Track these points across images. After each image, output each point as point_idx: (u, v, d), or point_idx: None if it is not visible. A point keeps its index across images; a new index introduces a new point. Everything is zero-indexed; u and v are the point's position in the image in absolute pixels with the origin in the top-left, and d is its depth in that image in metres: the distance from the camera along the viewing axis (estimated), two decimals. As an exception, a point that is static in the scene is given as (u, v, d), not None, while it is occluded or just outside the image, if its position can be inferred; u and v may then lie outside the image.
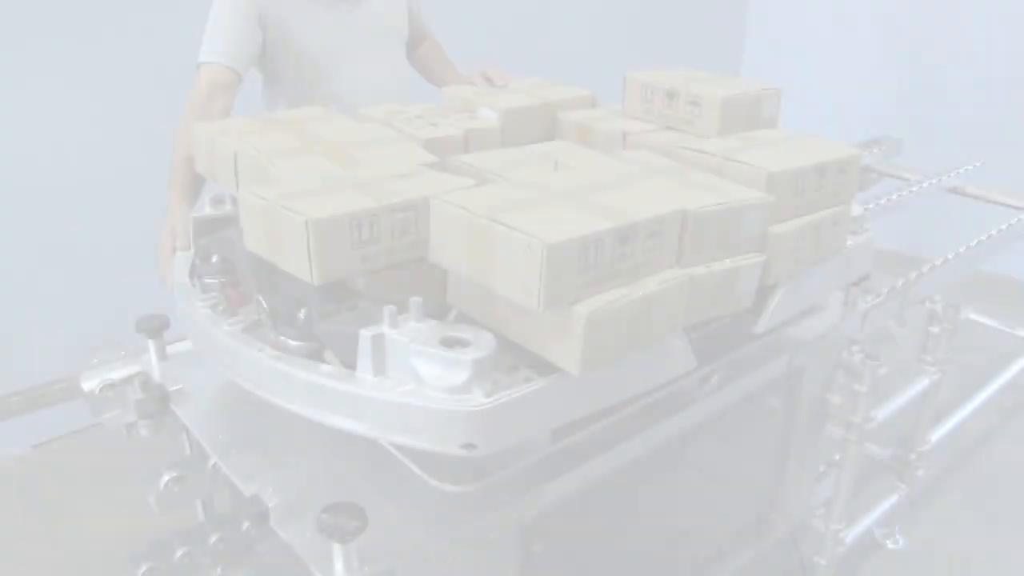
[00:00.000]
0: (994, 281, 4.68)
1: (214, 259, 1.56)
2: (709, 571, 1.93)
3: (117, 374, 1.71)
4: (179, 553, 1.82)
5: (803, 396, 1.93)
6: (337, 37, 2.16)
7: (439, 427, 1.16)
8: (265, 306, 1.39)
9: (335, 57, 2.16)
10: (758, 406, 1.85)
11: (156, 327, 1.70)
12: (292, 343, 1.34)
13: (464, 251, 1.25)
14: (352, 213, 1.25)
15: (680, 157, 1.63)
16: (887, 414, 2.18)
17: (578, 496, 1.45)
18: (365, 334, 1.20)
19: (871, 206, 2.66)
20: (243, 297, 1.49)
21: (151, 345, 1.72)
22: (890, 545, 2.65)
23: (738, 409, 1.74)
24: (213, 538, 1.86)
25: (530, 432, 1.26)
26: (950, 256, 2.39)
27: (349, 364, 1.24)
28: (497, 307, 1.26)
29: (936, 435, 2.59)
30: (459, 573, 1.30)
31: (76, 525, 2.72)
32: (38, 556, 2.58)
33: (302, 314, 1.33)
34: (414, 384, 1.18)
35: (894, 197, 2.84)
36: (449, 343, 1.17)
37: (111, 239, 3.09)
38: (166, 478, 1.46)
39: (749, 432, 2.04)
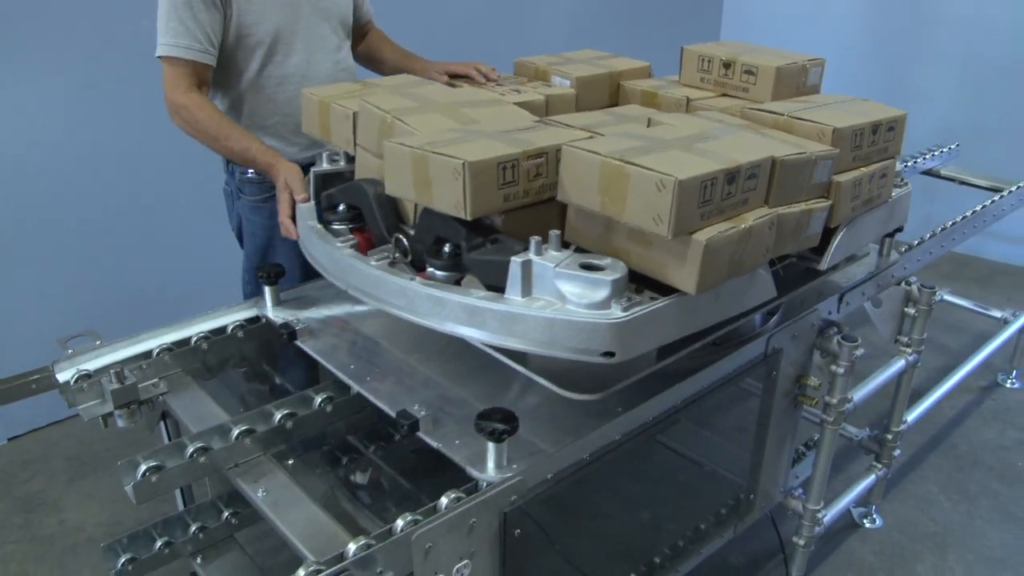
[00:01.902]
0: (969, 263, 4.74)
1: (340, 208, 1.73)
2: (689, 552, 1.94)
3: (92, 364, 1.70)
4: (159, 543, 1.82)
5: (781, 378, 1.94)
6: (288, 22, 2.15)
7: (583, 338, 1.33)
8: (405, 243, 1.58)
9: (284, 41, 2.15)
10: (736, 388, 1.86)
11: (273, 275, 1.89)
12: (439, 273, 1.50)
13: (595, 190, 1.42)
14: (499, 158, 1.43)
15: (750, 117, 1.85)
16: (864, 395, 2.20)
17: (558, 480, 1.45)
18: (515, 260, 1.37)
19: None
20: (371, 240, 1.68)
21: (267, 292, 1.90)
22: (867, 524, 2.68)
23: (717, 391, 1.75)
24: (193, 527, 1.86)
25: (655, 343, 1.43)
26: (926, 237, 2.41)
27: (493, 289, 1.42)
28: (616, 240, 1.46)
29: (912, 415, 2.61)
30: (444, 557, 1.30)
31: (55, 518, 2.70)
32: (16, 549, 2.56)
33: (446, 248, 1.49)
34: (558, 303, 1.35)
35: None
36: (587, 267, 1.36)
37: (82, 230, 3.06)
38: (143, 468, 1.45)
39: (727, 414, 2.05)
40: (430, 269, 1.51)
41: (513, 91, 1.98)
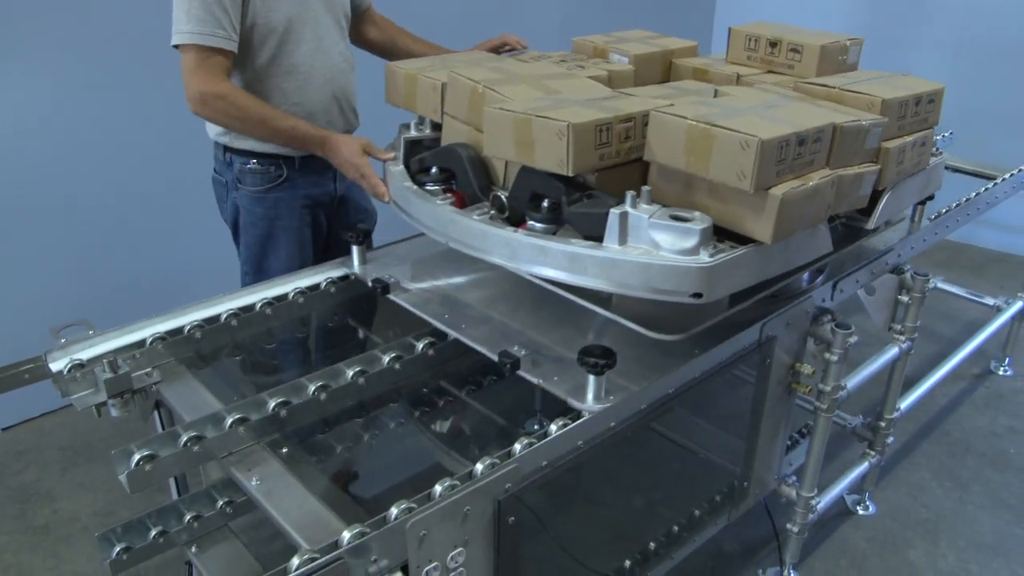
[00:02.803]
0: (963, 251, 4.75)
1: (433, 170, 1.89)
2: (683, 539, 1.95)
3: (85, 354, 1.69)
4: (153, 533, 1.82)
5: (775, 365, 1.94)
6: (299, 12, 2.15)
7: (675, 281, 1.50)
8: (503, 200, 1.73)
9: (295, 31, 2.15)
10: (730, 376, 1.86)
11: (362, 235, 2.05)
12: (538, 225, 1.66)
13: (681, 151, 1.58)
14: (596, 121, 1.60)
15: (803, 90, 2.01)
16: (857, 382, 2.20)
17: (553, 467, 1.45)
18: (614, 212, 1.52)
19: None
20: (463, 200, 1.82)
21: (355, 251, 2.06)
22: (860, 511, 2.69)
23: (711, 379, 1.76)
24: (187, 517, 1.86)
25: (735, 287, 1.58)
26: (920, 225, 2.42)
27: (589, 239, 1.57)
28: (696, 196, 1.62)
29: (905, 403, 2.62)
30: (439, 545, 1.30)
31: (49, 508, 2.69)
32: (11, 540, 2.56)
33: (546, 203, 1.66)
34: (652, 250, 1.52)
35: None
36: (677, 219, 1.51)
37: (74, 220, 3.05)
38: (137, 457, 1.45)
39: (722, 402, 2.06)
40: (530, 222, 1.68)
41: (577, 67, 2.09)
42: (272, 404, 1.58)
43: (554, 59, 2.21)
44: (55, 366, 1.66)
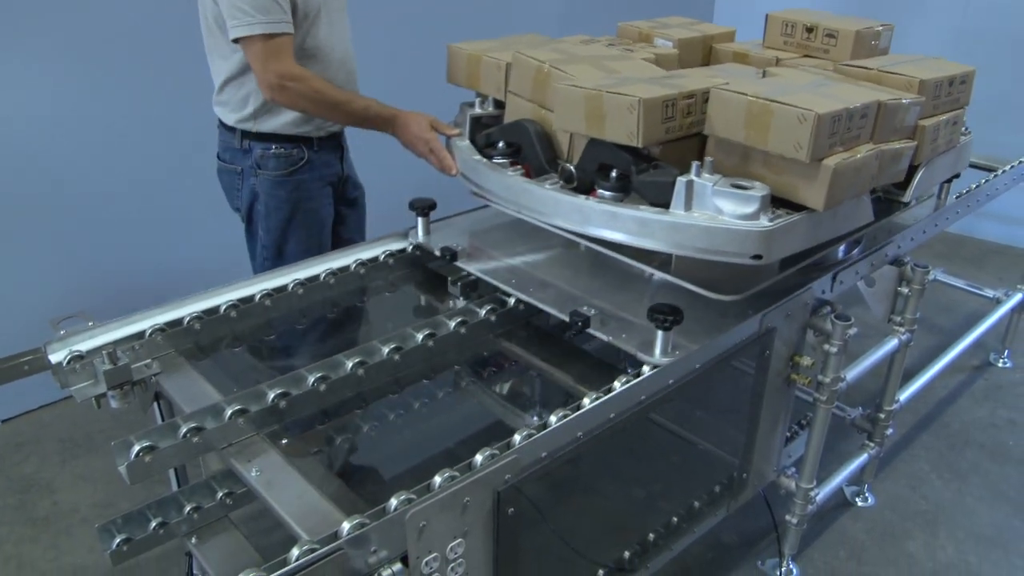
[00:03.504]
0: (963, 243, 4.75)
1: (500, 144, 2.02)
2: (682, 530, 1.95)
3: (84, 345, 1.69)
4: (153, 524, 1.82)
5: (774, 357, 1.94)
6: None
7: (737, 244, 1.63)
8: (571, 170, 1.87)
9: (318, 17, 2.21)
10: (730, 367, 1.86)
11: (426, 207, 2.14)
12: (607, 193, 1.80)
13: (741, 125, 1.70)
14: (664, 97, 1.73)
15: (843, 71, 2.12)
16: (857, 374, 2.20)
17: (552, 459, 1.45)
18: (681, 180, 1.66)
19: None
20: (528, 172, 1.97)
21: (420, 223, 2.16)
22: (859, 503, 2.70)
23: (710, 371, 1.76)
24: (187, 508, 1.86)
25: (790, 250, 1.72)
26: (920, 217, 2.41)
27: (655, 206, 1.71)
28: (752, 168, 1.75)
29: (905, 395, 2.62)
30: (438, 536, 1.30)
31: (49, 499, 2.70)
32: (11, 531, 2.57)
33: (615, 172, 1.79)
34: (716, 215, 1.65)
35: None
36: (737, 187, 1.65)
37: (72, 211, 3.05)
38: (136, 448, 1.44)
39: (721, 393, 2.06)
40: (600, 191, 1.81)
41: (626, 51, 2.19)
42: (271, 395, 1.58)
43: (603, 43, 2.30)
44: (54, 358, 1.66)
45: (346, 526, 1.21)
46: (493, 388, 1.98)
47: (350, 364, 1.67)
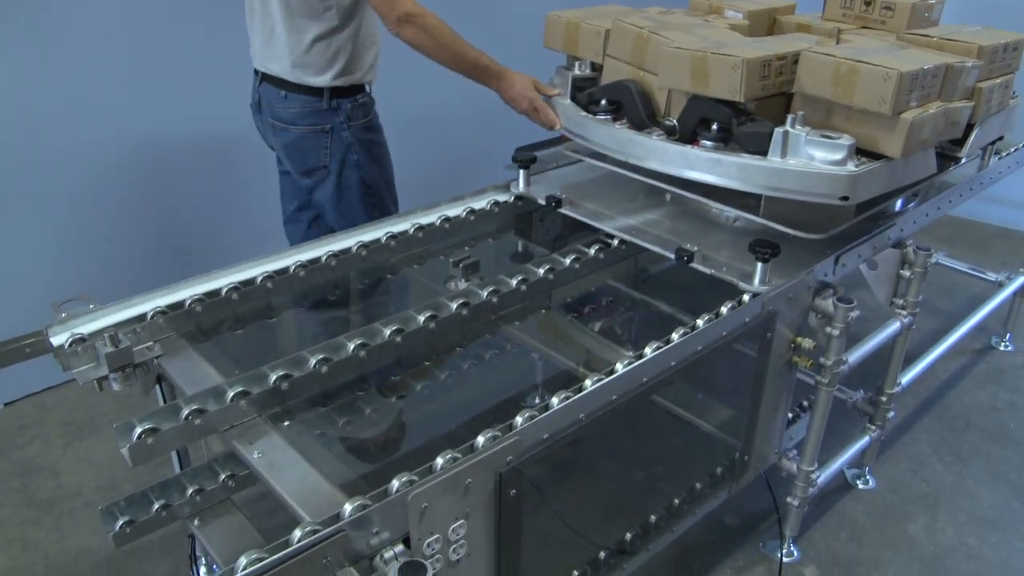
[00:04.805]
0: (966, 227, 4.73)
1: (603, 102, 2.25)
2: (684, 512, 1.95)
3: (86, 328, 1.69)
4: (156, 506, 1.82)
5: (776, 339, 1.94)
6: None
7: (827, 186, 1.86)
8: (674, 123, 2.09)
9: None
10: (732, 349, 1.86)
11: (528, 161, 2.38)
12: (709, 143, 2.02)
13: (829, 83, 1.92)
14: (761, 57, 1.94)
15: (906, 39, 2.29)
16: (858, 357, 2.20)
17: (554, 440, 1.45)
18: (778, 131, 1.89)
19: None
20: (631, 127, 2.19)
21: (522, 175, 2.40)
22: (860, 485, 2.70)
23: (712, 353, 1.75)
24: (190, 490, 1.86)
25: (872, 193, 1.93)
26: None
27: (751, 154, 1.94)
28: (835, 122, 1.97)
29: (906, 378, 2.62)
30: (440, 518, 1.31)
31: (52, 482, 2.71)
32: (15, 513, 2.58)
33: (716, 125, 2.01)
34: (808, 161, 1.87)
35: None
36: (826, 137, 1.86)
37: (73, 192, 3.04)
38: (138, 430, 1.45)
39: (723, 376, 2.06)
40: (702, 141, 2.03)
41: (703, 20, 2.39)
42: (273, 377, 1.58)
43: (681, 14, 2.50)
44: (56, 340, 1.66)
45: (348, 508, 1.21)
46: (597, 324, 2.19)
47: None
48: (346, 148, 2.45)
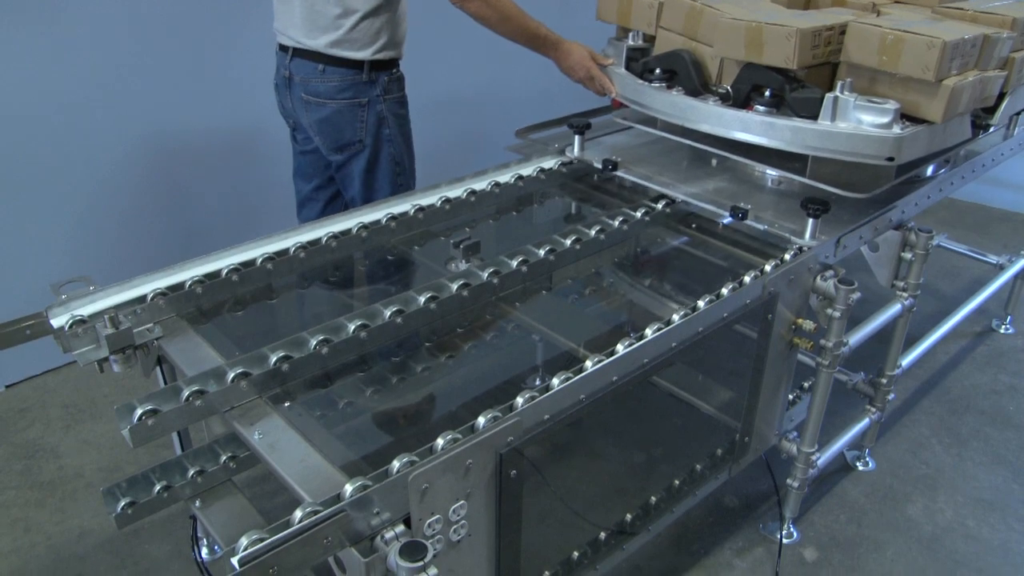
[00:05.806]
0: (968, 210, 4.72)
1: (657, 71, 2.37)
2: (684, 493, 1.96)
3: (86, 310, 1.69)
4: (157, 487, 1.83)
5: (777, 321, 1.94)
6: None
7: (875, 148, 1.99)
8: (728, 90, 2.23)
9: None
10: (732, 332, 1.86)
11: (582, 127, 2.49)
12: (761, 108, 2.15)
13: (875, 52, 2.05)
14: (813, 28, 2.06)
15: (943, 12, 2.39)
16: (859, 339, 2.20)
17: (555, 422, 1.46)
18: (829, 96, 2.02)
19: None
20: (686, 93, 2.31)
21: (577, 140, 2.51)
22: (860, 467, 2.71)
23: (713, 335, 1.75)
24: (191, 471, 1.87)
25: (916, 155, 2.06)
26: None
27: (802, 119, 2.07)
28: (880, 88, 2.10)
29: (907, 360, 2.62)
30: (441, 498, 1.31)
31: (54, 464, 2.71)
32: (17, 495, 2.58)
33: (768, 92, 2.14)
34: (856, 124, 2.01)
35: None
36: (873, 102, 1.98)
37: (73, 175, 3.03)
38: (139, 412, 1.45)
39: (724, 357, 2.06)
40: (756, 106, 2.16)
41: None
42: (274, 358, 1.58)
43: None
44: (56, 322, 1.65)
45: (349, 488, 1.21)
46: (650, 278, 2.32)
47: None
48: (380, 122, 2.48)
